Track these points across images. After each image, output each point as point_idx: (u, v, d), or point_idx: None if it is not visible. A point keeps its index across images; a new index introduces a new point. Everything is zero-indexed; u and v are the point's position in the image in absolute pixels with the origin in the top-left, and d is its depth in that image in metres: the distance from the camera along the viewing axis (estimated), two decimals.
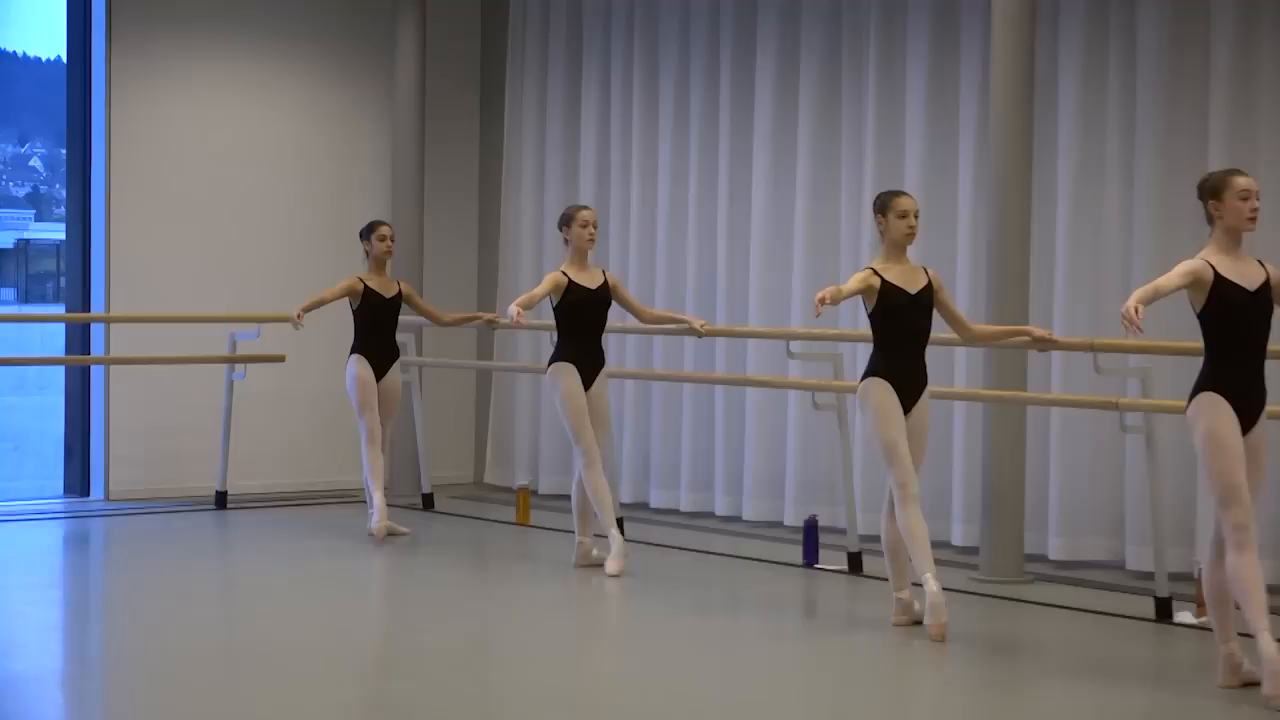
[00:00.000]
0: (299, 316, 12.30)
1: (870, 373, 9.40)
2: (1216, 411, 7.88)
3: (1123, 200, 11.46)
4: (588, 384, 11.13)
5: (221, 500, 13.71)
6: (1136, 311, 7.58)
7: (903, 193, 9.58)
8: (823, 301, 9.06)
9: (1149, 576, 10.30)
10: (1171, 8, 11.16)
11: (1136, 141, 11.33)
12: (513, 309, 10.75)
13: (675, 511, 13.88)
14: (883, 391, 9.31)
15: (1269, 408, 8.07)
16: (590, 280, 11.17)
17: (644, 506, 14.03)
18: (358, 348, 12.34)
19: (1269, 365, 8.12)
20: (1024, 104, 10.97)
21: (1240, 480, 7.84)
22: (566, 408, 11.09)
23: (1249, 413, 7.93)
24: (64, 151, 15.18)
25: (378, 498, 12.16)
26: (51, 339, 16.05)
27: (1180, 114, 11.17)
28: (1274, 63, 10.76)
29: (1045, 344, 10.23)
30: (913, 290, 9.38)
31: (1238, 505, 7.82)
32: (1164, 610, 9.89)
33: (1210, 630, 8.23)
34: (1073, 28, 11.65)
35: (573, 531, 11.37)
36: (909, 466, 9.30)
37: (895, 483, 9.28)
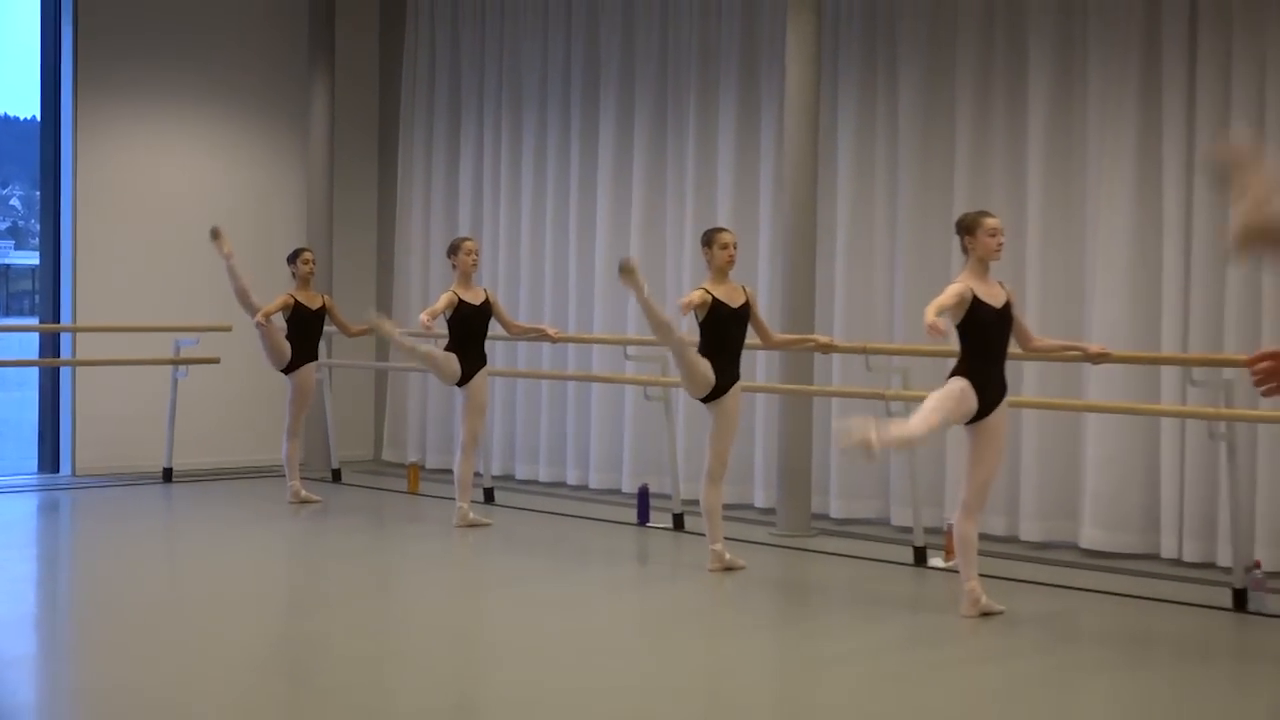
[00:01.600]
0: (261, 318, 12.01)
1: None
2: (964, 386, 8.05)
3: (888, 232, 11.56)
4: (469, 378, 11.12)
5: (168, 475, 13.63)
6: (940, 322, 7.75)
7: (724, 229, 9.70)
8: (689, 306, 9.29)
9: (908, 530, 10.45)
10: (924, 81, 11.29)
11: (899, 184, 11.43)
12: (423, 317, 10.79)
13: (536, 482, 13.90)
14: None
15: (1010, 398, 8.32)
16: (474, 298, 11.18)
17: (511, 478, 14.04)
18: (292, 351, 12.27)
19: (1009, 365, 8.37)
20: (809, 156, 11.04)
21: (952, 410, 7.98)
22: (439, 361, 11.15)
23: (991, 401, 8.15)
24: (38, 193, 15.05)
25: (293, 483, 12.28)
26: (28, 345, 15.88)
27: (932, 164, 11.28)
28: (1004, 125, 10.89)
29: (828, 348, 10.41)
30: (734, 305, 9.51)
31: (980, 489, 8.15)
32: (920, 557, 10.06)
33: (956, 572, 8.45)
34: (849, 92, 11.74)
35: (454, 499, 11.43)
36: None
37: (712, 455, 9.47)
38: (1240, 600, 8.69)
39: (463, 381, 11.13)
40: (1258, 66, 9.70)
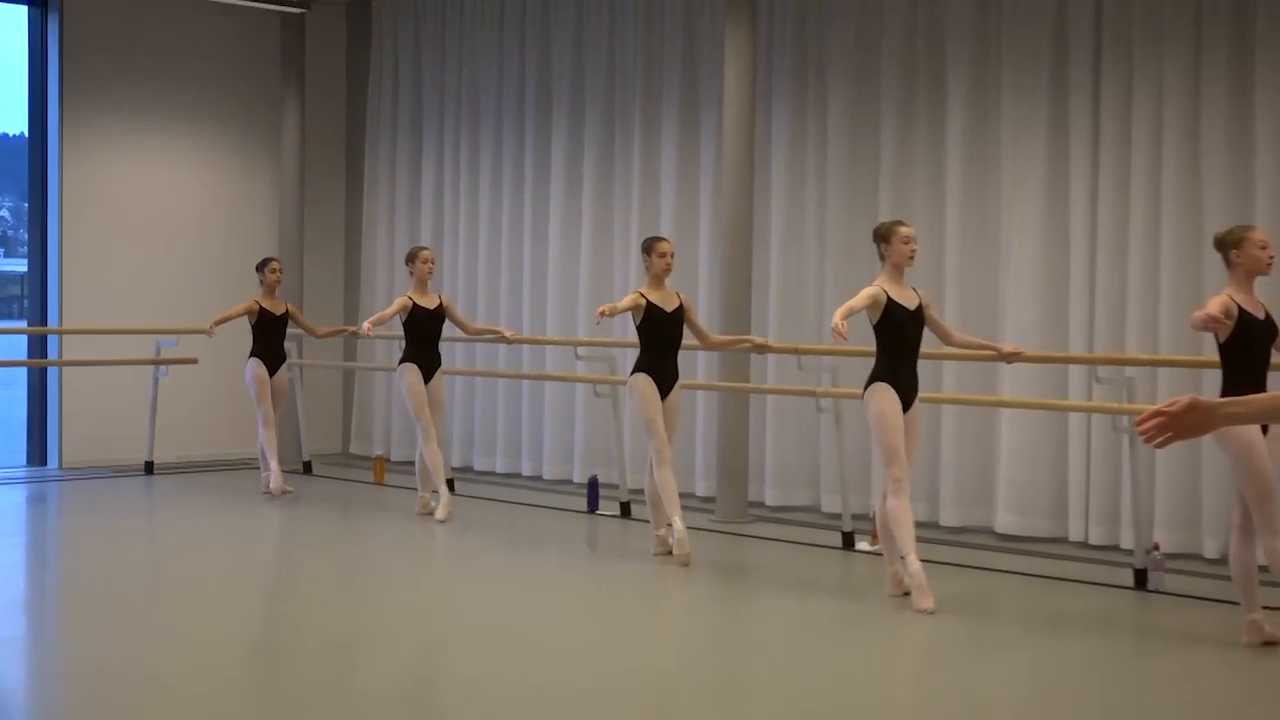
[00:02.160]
0: (212, 328, 12.26)
1: (637, 369, 9.56)
2: (884, 396, 8.12)
3: (817, 238, 11.57)
4: (428, 378, 11.14)
5: (149, 468, 13.55)
6: (843, 326, 7.78)
7: (662, 239, 9.70)
8: (601, 314, 9.25)
9: (837, 516, 10.52)
10: (851, 97, 11.31)
11: (828, 194, 11.43)
12: (365, 325, 10.81)
13: (493, 472, 13.87)
14: (646, 383, 9.47)
15: (927, 394, 8.39)
16: (429, 302, 11.18)
17: (470, 469, 14.02)
18: (255, 352, 12.22)
19: (921, 364, 8.41)
20: (745, 168, 11.08)
21: (900, 445, 8.09)
22: (411, 397, 11.14)
23: (907, 397, 8.19)
24: (26, 204, 14.94)
25: (273, 464, 12.09)
26: (16, 346, 15.75)
27: (858, 174, 11.29)
28: (924, 139, 10.93)
29: (763, 348, 10.45)
30: (669, 309, 9.53)
31: (897, 463, 8.09)
32: (848, 541, 10.11)
33: (880, 555, 8.50)
34: (782, 108, 11.75)
35: (416, 488, 11.43)
36: (664, 437, 9.44)
37: (653, 450, 9.43)
38: (1141, 580, 8.77)
39: (424, 382, 11.15)
40: (1155, 88, 9.78)
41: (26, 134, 14.59)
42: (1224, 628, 7.55)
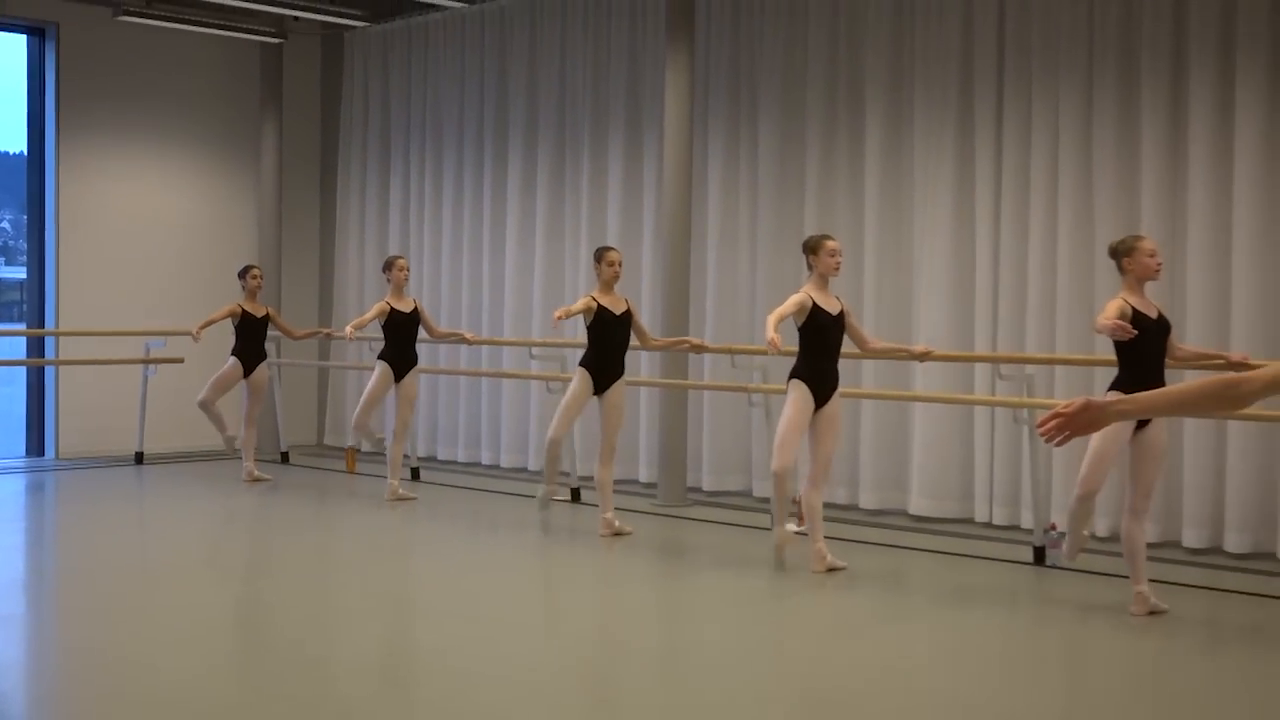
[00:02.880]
0: (197, 332, 12.18)
1: (581, 364, 9.57)
2: (798, 395, 8.21)
3: (749, 250, 11.58)
4: (401, 375, 11.15)
5: (139, 458, 13.46)
6: (778, 339, 7.87)
7: (611, 249, 9.72)
8: (558, 317, 9.31)
9: (767, 500, 10.50)
10: (780, 122, 11.34)
11: (759, 210, 11.46)
12: (348, 329, 10.79)
13: (455, 461, 13.86)
14: (584, 381, 9.52)
15: (846, 390, 8.44)
16: (406, 307, 11.17)
17: (434, 458, 13.98)
18: (236, 351, 12.18)
19: (842, 363, 8.46)
20: (684, 186, 11.11)
21: (792, 440, 8.22)
22: (371, 392, 11.12)
23: (825, 393, 8.26)
24: (25, 217, 14.84)
25: (249, 456, 12.13)
26: (17, 347, 15.60)
27: (786, 193, 11.31)
28: (845, 161, 10.95)
29: (700, 349, 10.48)
30: (617, 312, 9.56)
31: (784, 450, 8.25)
32: None
33: (806, 535, 8.52)
34: (718, 130, 11.75)
35: (385, 477, 11.39)
36: (566, 421, 9.57)
37: (555, 420, 9.60)
38: (1040, 556, 8.86)
39: (398, 379, 11.13)
40: (1052, 116, 9.86)
41: (25, 152, 14.48)
42: (1115, 599, 7.64)
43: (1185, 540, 9.16)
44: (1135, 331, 7.10)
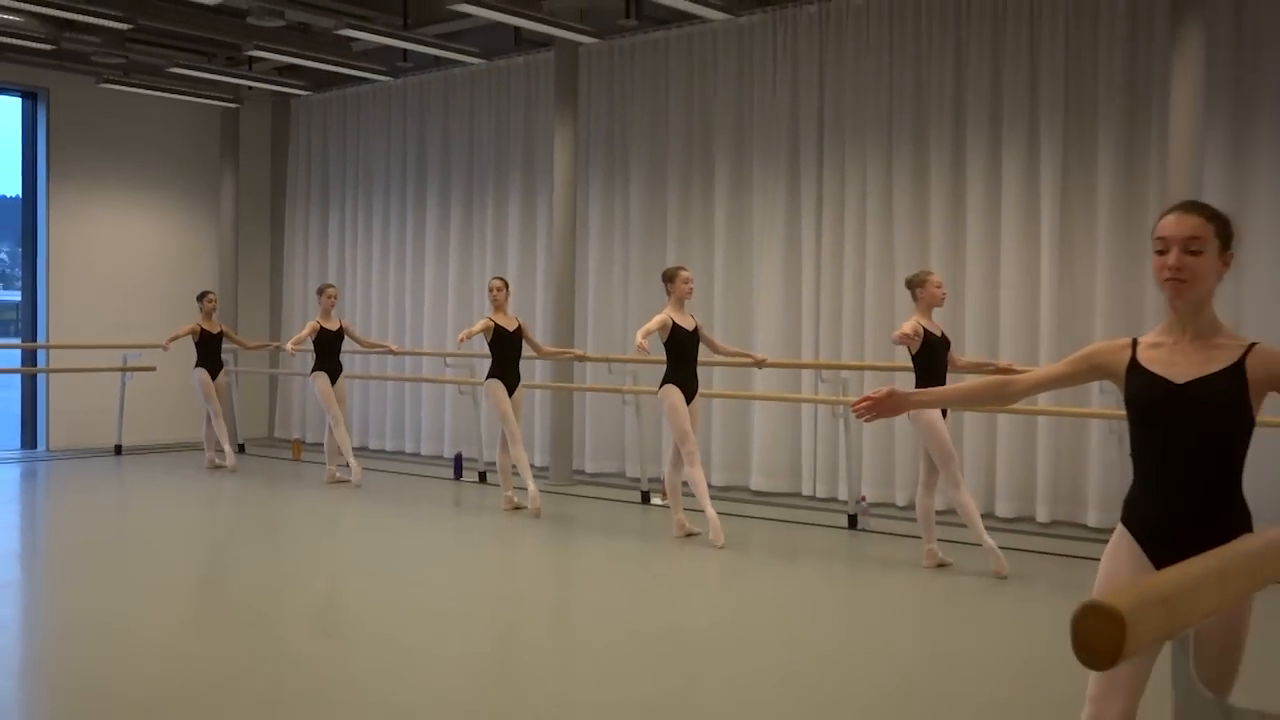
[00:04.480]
0: (167, 344, 11.89)
1: (490, 376, 9.45)
2: (674, 394, 8.21)
3: (622, 280, 11.56)
4: (334, 380, 11.00)
5: (118, 450, 13.16)
6: (646, 343, 7.85)
7: (497, 277, 9.67)
8: (461, 339, 9.11)
9: (637, 480, 10.62)
10: (646, 176, 11.30)
11: (630, 245, 11.44)
12: (289, 345, 10.62)
13: (384, 450, 13.69)
14: (498, 386, 9.38)
15: (701, 391, 8.46)
16: (332, 325, 11.02)
17: (366, 448, 13.78)
18: (199, 363, 11.92)
19: (701, 371, 8.50)
20: (569, 225, 11.08)
21: (688, 428, 8.18)
22: (323, 398, 10.96)
23: (690, 393, 8.28)
24: (20, 249, 14.45)
25: (226, 448, 11.89)
26: (13, 358, 15.13)
27: (652, 231, 11.27)
28: (699, 207, 10.97)
29: (583, 358, 10.43)
30: (510, 329, 9.48)
31: (688, 441, 8.18)
32: (645, 498, 10.20)
33: (668, 507, 8.61)
34: (597, 184, 11.68)
35: (325, 463, 11.23)
36: (514, 423, 9.38)
37: (508, 433, 9.38)
38: (853, 522, 9.00)
39: (333, 382, 10.99)
40: (861, 172, 10.02)
41: (21, 195, 14.13)
42: (911, 555, 7.80)
43: (999, 510, 9.18)
44: (920, 338, 7.25)
